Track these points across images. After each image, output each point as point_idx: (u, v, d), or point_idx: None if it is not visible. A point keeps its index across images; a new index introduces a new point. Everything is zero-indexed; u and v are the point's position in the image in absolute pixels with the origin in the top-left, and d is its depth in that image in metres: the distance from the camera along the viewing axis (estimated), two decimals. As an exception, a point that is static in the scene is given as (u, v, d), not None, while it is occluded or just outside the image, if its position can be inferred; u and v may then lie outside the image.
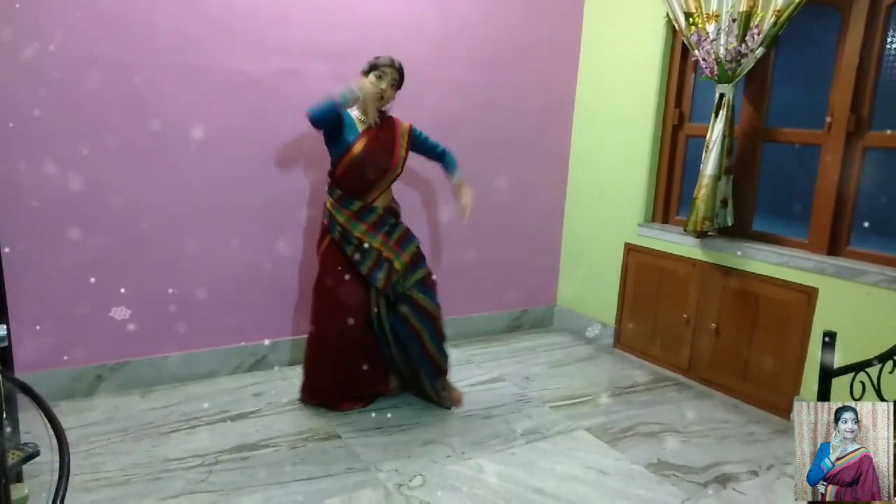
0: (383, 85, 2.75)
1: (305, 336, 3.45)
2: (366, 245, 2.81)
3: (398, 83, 2.82)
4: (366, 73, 2.79)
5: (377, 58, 2.79)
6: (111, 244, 2.91)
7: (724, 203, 3.18)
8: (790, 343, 3.01)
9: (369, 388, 3.04)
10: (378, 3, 3.31)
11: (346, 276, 2.84)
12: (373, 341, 2.96)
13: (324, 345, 2.91)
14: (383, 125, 2.85)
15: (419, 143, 2.96)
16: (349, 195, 2.80)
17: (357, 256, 2.82)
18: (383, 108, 2.86)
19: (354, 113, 2.82)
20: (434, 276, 3.04)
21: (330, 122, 2.74)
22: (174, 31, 2.87)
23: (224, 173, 3.09)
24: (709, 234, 3.26)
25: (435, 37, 3.51)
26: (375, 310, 2.92)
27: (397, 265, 2.86)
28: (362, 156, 2.76)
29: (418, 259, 2.97)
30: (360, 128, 2.81)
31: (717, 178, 3.10)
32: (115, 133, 2.83)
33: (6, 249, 2.62)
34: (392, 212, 2.94)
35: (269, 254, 3.28)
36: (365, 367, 2.95)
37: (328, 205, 2.86)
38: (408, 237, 2.95)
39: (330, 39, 3.21)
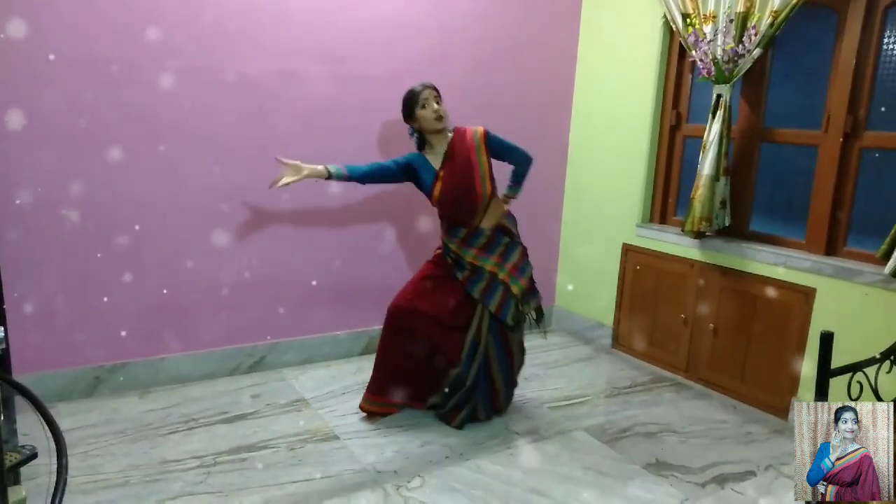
0: (435, 106, 2.73)
1: (305, 337, 3.47)
2: (479, 266, 2.80)
3: (439, 94, 2.79)
4: (409, 114, 2.76)
5: (409, 94, 2.75)
6: (109, 246, 2.90)
7: (724, 204, 3.18)
8: (788, 343, 3.01)
9: (416, 392, 2.91)
10: (376, 5, 3.31)
11: (451, 286, 2.82)
12: (454, 354, 2.80)
13: (400, 333, 2.82)
14: (455, 146, 2.78)
15: (496, 148, 2.86)
16: (453, 224, 2.84)
17: (468, 280, 2.80)
18: (446, 127, 2.79)
19: (427, 154, 2.82)
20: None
21: (368, 179, 2.77)
22: (173, 33, 2.87)
23: (222, 175, 3.09)
24: (707, 234, 3.26)
25: (433, 38, 3.51)
26: (474, 331, 2.80)
27: (515, 290, 2.82)
28: (445, 196, 2.77)
29: (534, 285, 2.95)
30: (435, 164, 2.80)
31: (714, 179, 3.10)
32: (113, 134, 2.83)
33: (4, 251, 2.62)
34: (503, 230, 2.88)
35: (266, 255, 3.27)
36: (427, 372, 2.87)
37: (441, 235, 2.93)
38: (524, 262, 2.92)
39: (328, 41, 3.21)
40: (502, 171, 3.79)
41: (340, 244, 3.47)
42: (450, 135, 2.81)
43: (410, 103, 2.75)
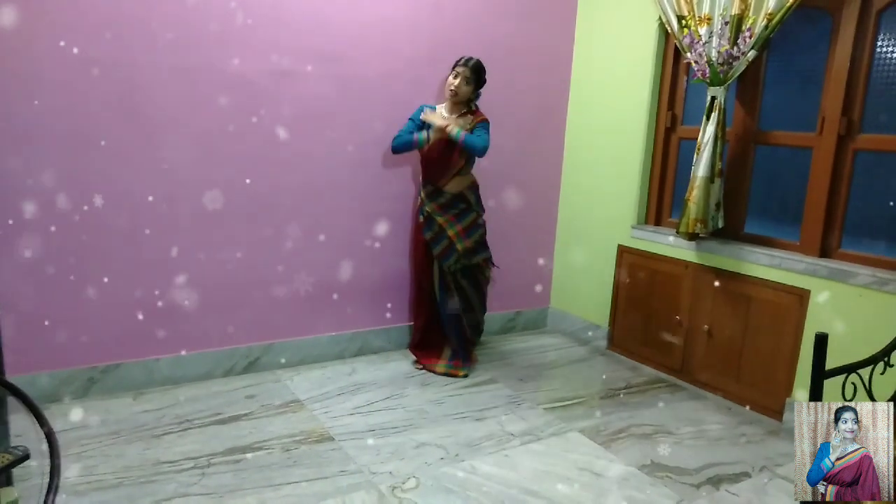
0: (457, 82, 3.21)
1: (299, 339, 3.46)
2: (433, 218, 3.34)
3: (474, 80, 3.26)
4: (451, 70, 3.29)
5: (458, 59, 3.27)
6: (103, 246, 2.89)
7: (718, 206, 3.19)
8: (782, 345, 3.02)
9: (431, 347, 3.58)
10: (372, 6, 3.31)
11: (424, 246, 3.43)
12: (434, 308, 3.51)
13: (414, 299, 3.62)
14: (460, 121, 3.28)
15: (473, 128, 3.27)
16: (425, 179, 3.39)
17: (425, 224, 3.38)
18: (463, 102, 3.30)
19: (441, 108, 3.34)
20: (492, 261, 3.54)
21: (407, 151, 3.33)
22: (169, 32, 2.86)
23: (218, 175, 3.08)
24: (701, 236, 3.27)
25: (428, 39, 3.51)
26: (436, 278, 3.43)
27: (459, 247, 3.32)
28: (429, 153, 3.28)
29: (480, 245, 3.43)
30: (437, 121, 3.25)
31: (709, 181, 3.11)
32: (110, 134, 2.82)
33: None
34: (462, 198, 3.36)
35: (262, 256, 3.27)
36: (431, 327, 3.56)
37: (420, 180, 3.47)
38: (474, 226, 3.38)
39: (324, 41, 3.21)
40: (494, 170, 3.79)
41: (336, 246, 3.46)
42: (469, 116, 3.32)
43: (453, 67, 3.29)
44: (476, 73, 3.25)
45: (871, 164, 2.83)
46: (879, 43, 2.75)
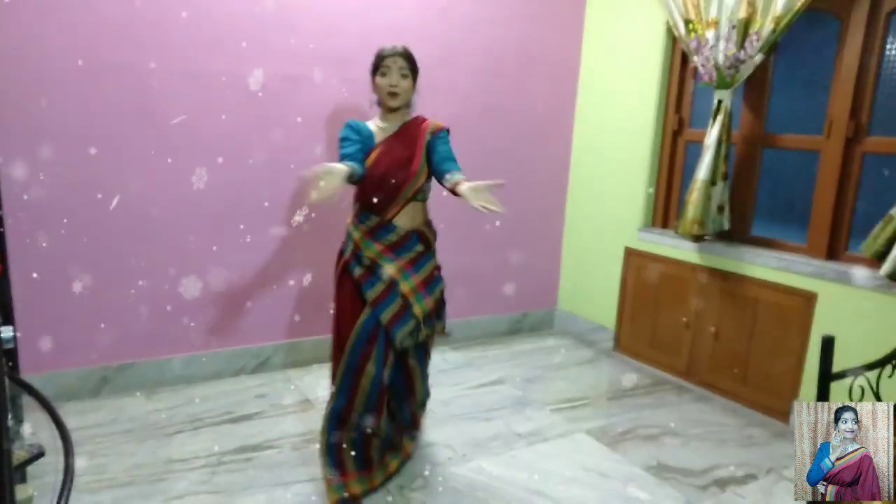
0: (394, 79, 2.32)
1: (310, 339, 3.49)
2: (379, 268, 2.31)
3: (411, 71, 2.35)
4: (373, 72, 2.38)
5: (379, 50, 2.37)
6: (116, 246, 2.93)
7: (721, 209, 3.19)
8: (789, 347, 3.02)
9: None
10: (382, 10, 3.33)
11: (354, 306, 2.37)
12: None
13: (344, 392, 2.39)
14: (407, 129, 2.39)
15: (437, 142, 2.39)
16: (365, 209, 2.36)
17: (364, 279, 2.32)
18: (402, 108, 2.40)
19: (374, 122, 2.43)
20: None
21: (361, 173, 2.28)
22: (180, 36, 2.90)
23: (230, 177, 3.11)
24: (705, 238, 3.26)
25: (438, 43, 3.53)
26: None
27: (417, 310, 2.33)
28: (374, 168, 2.30)
29: (441, 306, 2.50)
30: (379, 137, 2.38)
31: (710, 183, 3.11)
32: (121, 136, 2.86)
33: (13, 251, 2.64)
34: (420, 237, 2.39)
35: (273, 257, 3.30)
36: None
37: (348, 220, 2.46)
38: (435, 278, 2.44)
39: (335, 45, 3.24)
40: (502, 172, 3.80)
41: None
42: (410, 117, 2.43)
43: (375, 62, 2.36)
44: (412, 63, 2.36)
45: (878, 167, 2.82)
46: (888, 45, 2.75)
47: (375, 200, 2.31)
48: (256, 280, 3.28)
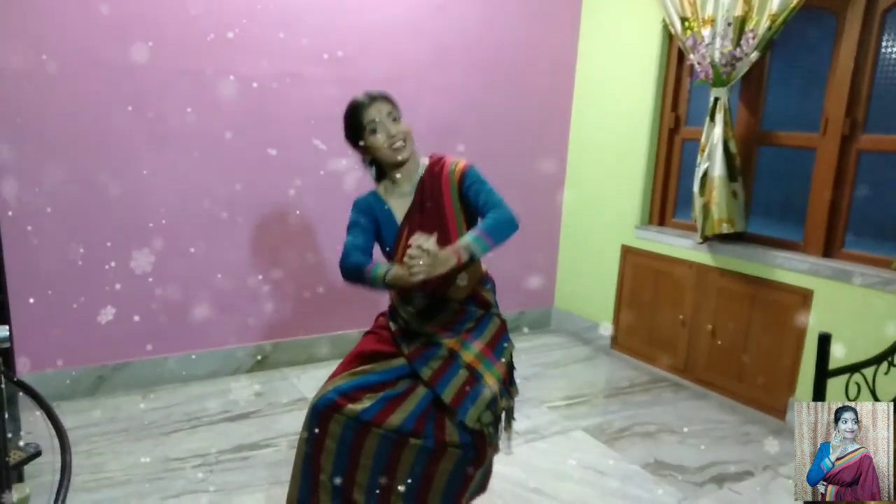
0: (394, 129, 1.87)
1: (307, 337, 3.49)
2: (435, 343, 1.88)
3: (398, 110, 1.92)
4: (355, 138, 1.90)
5: (350, 109, 1.88)
6: (113, 245, 2.92)
7: (746, 205, 3.18)
8: (786, 344, 3.03)
9: None
10: (378, 9, 3.33)
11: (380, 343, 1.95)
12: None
13: None
14: (427, 191, 1.93)
15: (468, 185, 1.93)
16: (410, 291, 1.94)
17: (418, 353, 1.87)
18: (411, 154, 1.93)
19: (384, 192, 1.99)
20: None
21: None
22: (177, 35, 2.89)
23: (227, 176, 3.11)
24: (711, 238, 3.22)
25: (434, 41, 3.53)
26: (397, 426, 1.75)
27: (490, 380, 1.80)
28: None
29: (511, 373, 1.99)
30: (398, 212, 1.95)
31: (729, 179, 3.08)
32: (118, 136, 2.85)
33: (8, 249, 2.63)
34: (477, 300, 1.98)
35: (270, 255, 3.29)
36: None
37: (391, 295, 2.05)
38: (502, 337, 1.96)
39: (331, 44, 3.23)
40: (498, 171, 3.79)
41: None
42: (422, 164, 1.97)
43: (354, 124, 1.88)
44: (394, 101, 1.92)
45: (874, 165, 2.83)
46: (884, 43, 2.76)
47: (423, 286, 1.77)
48: (253, 279, 3.27)
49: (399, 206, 1.94)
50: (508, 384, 1.94)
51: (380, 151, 1.88)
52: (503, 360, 1.90)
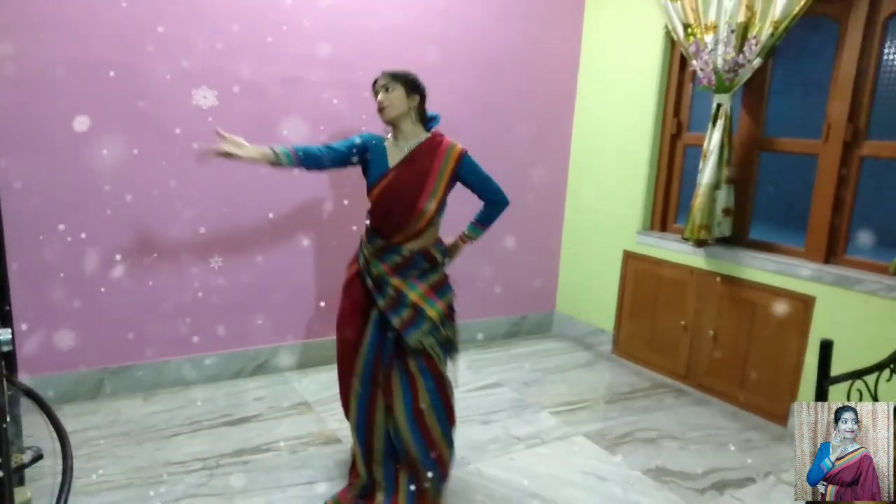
0: (379, 97, 2.26)
1: (308, 341, 3.49)
2: (386, 284, 2.26)
3: (396, 81, 2.27)
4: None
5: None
6: (115, 249, 2.93)
7: (727, 212, 3.20)
8: (788, 351, 3.03)
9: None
10: (381, 12, 3.34)
11: (363, 314, 2.31)
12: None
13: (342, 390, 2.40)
14: (420, 154, 2.27)
15: (468, 174, 2.33)
16: (374, 231, 2.31)
17: (376, 289, 2.27)
18: (407, 122, 2.30)
19: (390, 141, 2.33)
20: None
21: (323, 164, 2.29)
22: (178, 37, 2.90)
23: (228, 180, 3.11)
24: (708, 242, 3.27)
25: (436, 45, 3.54)
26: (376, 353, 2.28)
27: (431, 312, 2.23)
28: (381, 199, 2.26)
29: (452, 313, 2.37)
30: (392, 160, 2.29)
31: (714, 187, 3.13)
32: (121, 138, 2.86)
33: (11, 253, 2.64)
34: (426, 257, 2.31)
35: (272, 260, 3.30)
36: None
37: (363, 231, 2.39)
38: (445, 285, 2.35)
39: (333, 47, 3.24)
40: (500, 175, 3.79)
41: (345, 249, 3.48)
42: (424, 136, 2.33)
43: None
44: (396, 76, 2.29)
45: (876, 171, 2.83)
46: (886, 50, 2.76)
47: (382, 227, 2.28)
48: (255, 283, 3.27)
49: (394, 155, 2.31)
50: (451, 321, 2.34)
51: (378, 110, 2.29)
52: (444, 300, 2.31)
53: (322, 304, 3.48)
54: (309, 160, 2.26)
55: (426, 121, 2.37)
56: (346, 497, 2.31)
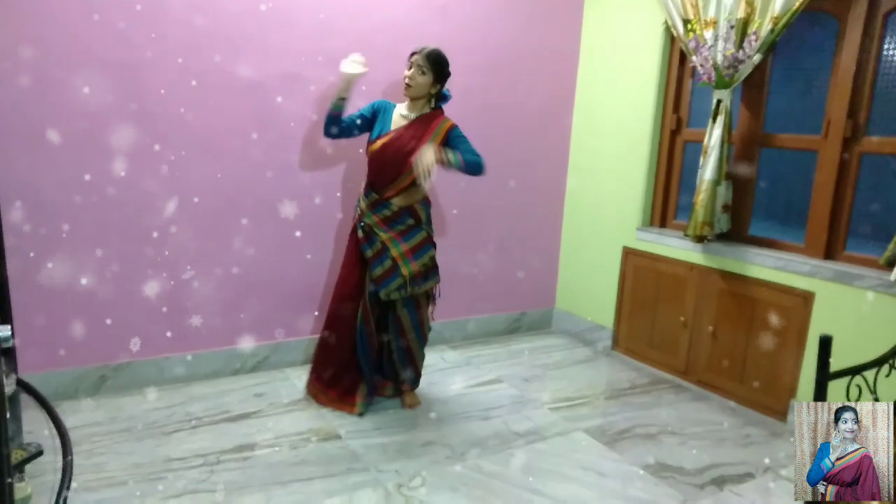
0: (410, 72, 2.76)
1: (308, 338, 3.49)
2: (375, 233, 2.84)
3: (432, 70, 2.77)
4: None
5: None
6: (115, 245, 2.93)
7: (726, 208, 3.20)
8: (787, 346, 3.03)
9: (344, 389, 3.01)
10: (379, 9, 3.33)
11: (358, 266, 2.91)
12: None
13: (329, 329, 3.01)
14: (421, 122, 2.81)
15: (453, 141, 2.82)
16: (369, 186, 2.87)
17: (364, 241, 2.86)
18: (424, 99, 2.84)
19: (400, 107, 2.88)
20: (439, 286, 3.09)
21: (340, 130, 2.87)
22: (178, 35, 2.89)
23: (227, 176, 3.11)
24: (708, 238, 3.27)
25: (436, 41, 3.51)
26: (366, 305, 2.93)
27: (404, 271, 2.84)
28: (380, 152, 2.79)
29: (431, 269, 2.96)
30: (394, 124, 2.83)
31: (716, 183, 3.13)
32: (118, 136, 2.85)
33: (11, 249, 2.63)
34: (411, 213, 2.86)
35: (271, 256, 3.30)
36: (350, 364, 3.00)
37: (361, 186, 2.97)
38: (424, 246, 2.90)
39: (331, 44, 3.23)
40: (500, 171, 3.80)
41: (344, 246, 3.48)
42: (430, 111, 2.85)
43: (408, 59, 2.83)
44: (434, 63, 2.77)
45: (876, 167, 2.83)
46: (886, 45, 2.76)
47: (376, 181, 2.82)
48: (255, 279, 3.28)
49: (398, 120, 2.85)
50: (421, 278, 2.90)
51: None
52: (419, 262, 2.86)
53: (323, 300, 3.48)
54: (338, 119, 2.87)
55: (439, 98, 2.89)
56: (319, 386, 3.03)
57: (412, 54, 2.79)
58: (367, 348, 2.95)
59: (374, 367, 3.02)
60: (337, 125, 2.86)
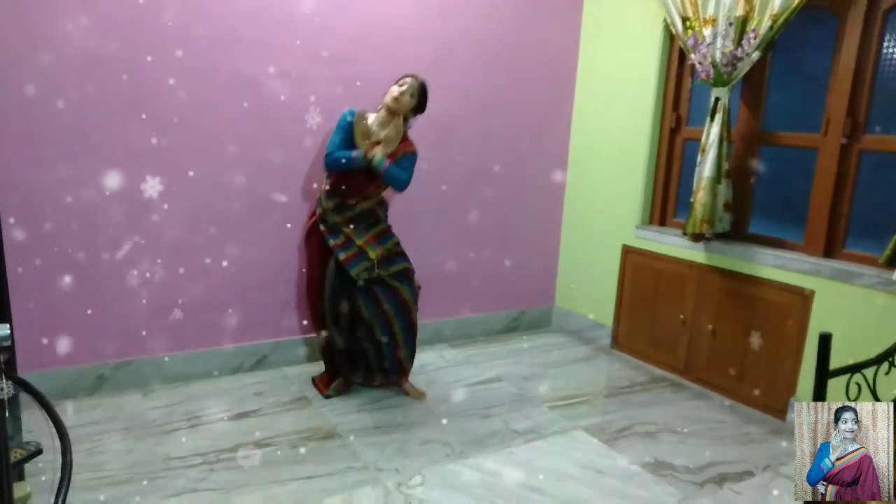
0: (402, 89, 2.90)
1: (307, 336, 3.49)
2: (338, 230, 2.98)
3: (417, 97, 2.93)
4: (396, 82, 2.96)
5: (407, 74, 3.00)
6: (114, 244, 2.92)
7: (728, 207, 3.20)
8: (786, 344, 3.03)
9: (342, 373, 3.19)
10: (379, 8, 3.33)
11: (324, 256, 3.03)
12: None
13: (322, 328, 3.12)
14: (391, 142, 2.95)
15: (398, 161, 2.96)
16: (333, 190, 2.97)
17: (329, 232, 2.97)
18: (397, 120, 2.94)
19: (373, 120, 2.99)
20: (416, 273, 3.14)
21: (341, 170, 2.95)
22: (177, 34, 2.89)
23: (226, 175, 3.11)
24: (706, 237, 3.26)
25: (435, 41, 3.53)
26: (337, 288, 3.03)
27: (371, 255, 2.96)
28: (347, 174, 2.93)
29: (397, 254, 3.08)
30: (362, 137, 2.96)
31: (715, 181, 3.12)
32: (117, 134, 2.85)
33: (10, 248, 2.63)
34: (371, 213, 3.03)
35: (270, 254, 3.30)
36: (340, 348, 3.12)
37: (322, 187, 3.05)
38: (386, 235, 3.06)
39: (331, 43, 3.23)
40: (500, 170, 3.80)
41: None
42: (399, 135, 2.96)
43: (400, 77, 2.98)
44: (422, 94, 2.96)
45: (875, 165, 2.83)
46: (886, 43, 2.76)
47: (345, 190, 2.95)
48: (253, 277, 3.27)
49: (366, 133, 2.97)
50: (388, 261, 3.02)
51: (388, 95, 2.93)
52: (384, 246, 3.02)
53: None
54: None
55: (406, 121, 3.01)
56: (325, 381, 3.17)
57: (406, 76, 2.94)
58: (346, 342, 3.09)
59: (351, 359, 3.14)
60: (345, 168, 2.94)
